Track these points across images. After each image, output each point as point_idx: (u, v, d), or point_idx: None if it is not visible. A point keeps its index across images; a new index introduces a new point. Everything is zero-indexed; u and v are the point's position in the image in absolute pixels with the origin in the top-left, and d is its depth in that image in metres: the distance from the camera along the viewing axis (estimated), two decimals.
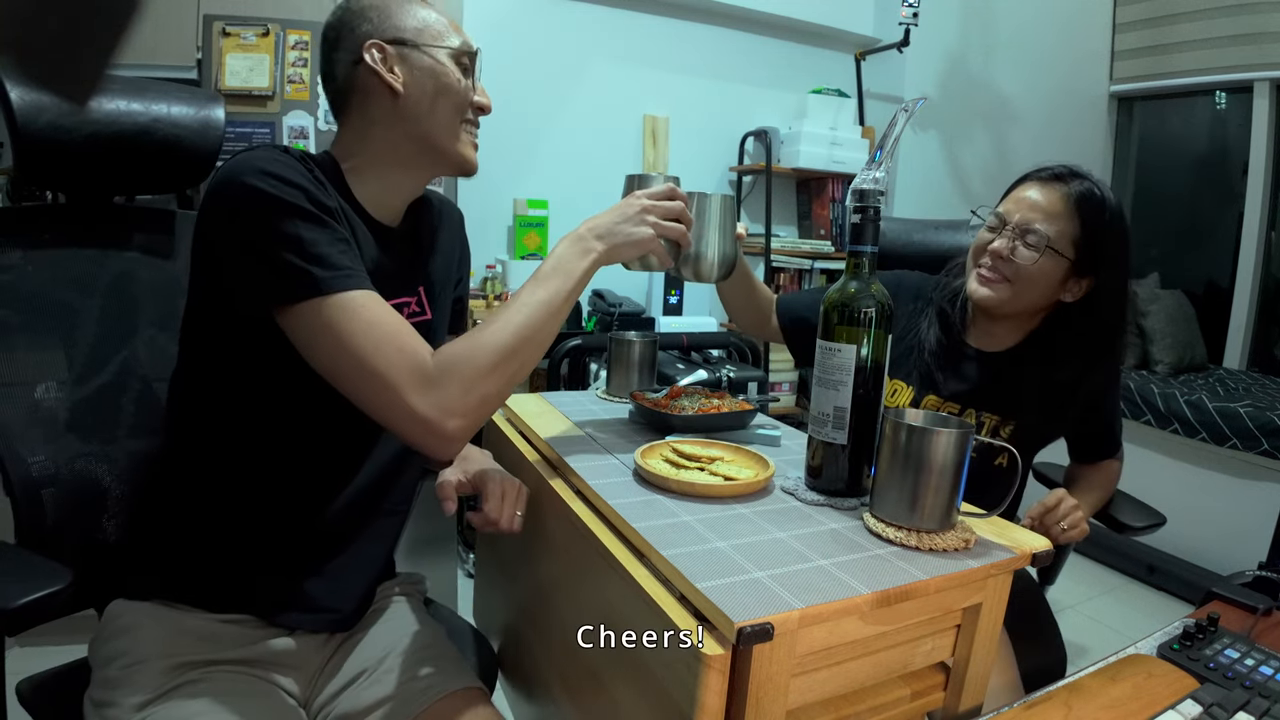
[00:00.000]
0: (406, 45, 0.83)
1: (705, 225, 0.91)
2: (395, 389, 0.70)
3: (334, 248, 0.72)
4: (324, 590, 0.84)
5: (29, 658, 0.94)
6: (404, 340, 0.71)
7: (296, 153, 0.78)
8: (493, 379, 0.73)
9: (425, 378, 0.71)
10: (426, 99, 0.83)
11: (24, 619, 0.69)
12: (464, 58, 0.85)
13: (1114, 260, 1.02)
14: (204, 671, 0.76)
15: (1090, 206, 1.00)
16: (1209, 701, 0.61)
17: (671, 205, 0.85)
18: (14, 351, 0.91)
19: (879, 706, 0.67)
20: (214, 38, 1.97)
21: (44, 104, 0.88)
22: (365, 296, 0.72)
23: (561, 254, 0.80)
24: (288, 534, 0.82)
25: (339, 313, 0.70)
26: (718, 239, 0.92)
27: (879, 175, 0.76)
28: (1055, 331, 1.06)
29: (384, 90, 0.82)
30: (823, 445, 0.77)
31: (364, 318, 0.70)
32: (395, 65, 0.82)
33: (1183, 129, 3.54)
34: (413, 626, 0.91)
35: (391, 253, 0.87)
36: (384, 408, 0.71)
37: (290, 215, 0.71)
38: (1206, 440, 2.41)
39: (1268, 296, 3.14)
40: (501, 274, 2.62)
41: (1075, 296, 1.04)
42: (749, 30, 3.03)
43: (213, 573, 0.81)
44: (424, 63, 0.83)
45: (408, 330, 0.73)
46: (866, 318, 0.75)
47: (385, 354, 0.70)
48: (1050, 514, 0.96)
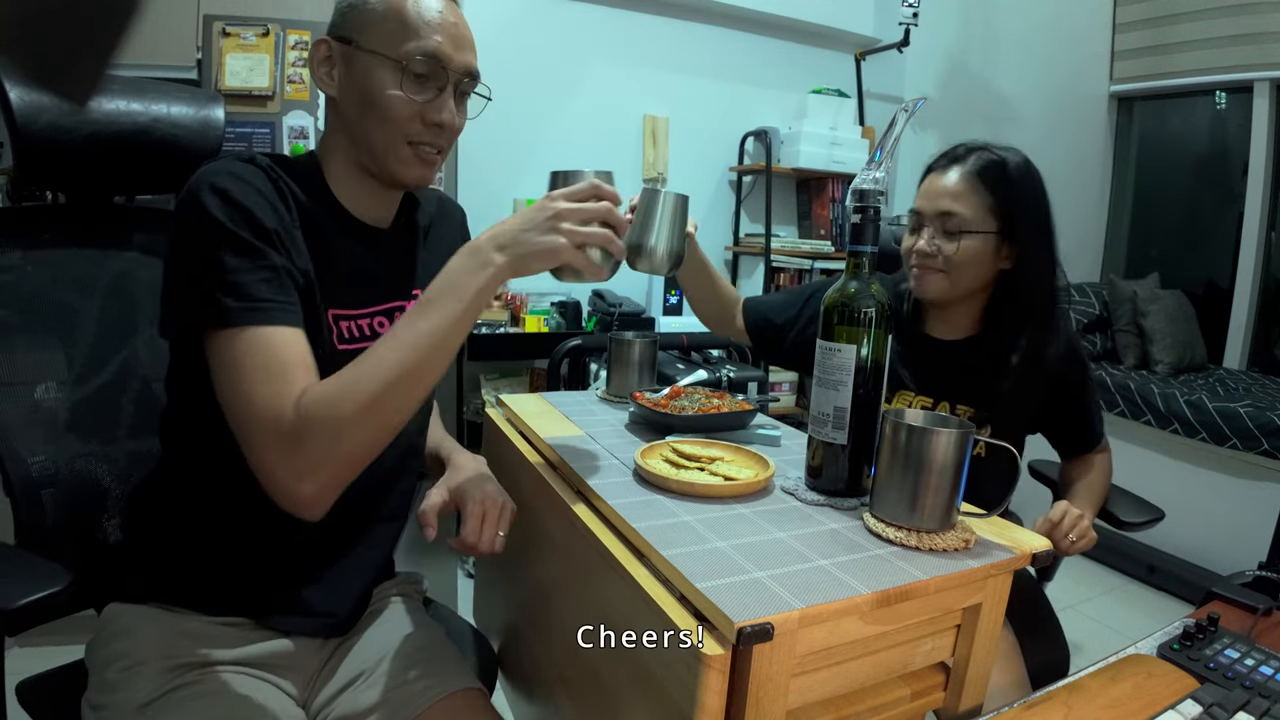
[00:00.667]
0: (351, 44, 0.76)
1: (654, 219, 0.90)
2: (254, 443, 0.66)
3: (254, 276, 0.68)
4: (320, 595, 0.84)
5: (29, 658, 0.94)
6: (278, 388, 0.66)
7: (264, 162, 0.75)
8: (361, 430, 0.66)
9: (281, 433, 0.65)
10: (355, 108, 0.77)
11: (24, 619, 0.69)
12: (417, 64, 0.75)
13: (1031, 215, 1.05)
14: (201, 673, 0.76)
15: (992, 173, 1.03)
16: (1209, 701, 0.61)
17: (593, 208, 0.71)
18: (14, 351, 0.91)
19: (879, 706, 0.67)
20: (214, 38, 1.97)
21: (44, 104, 0.88)
22: (271, 334, 0.67)
23: (452, 270, 0.69)
24: (283, 539, 0.81)
25: (233, 348, 0.67)
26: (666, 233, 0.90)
27: (879, 175, 0.76)
28: (1003, 303, 1.09)
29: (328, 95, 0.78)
30: (823, 445, 0.77)
31: (258, 358, 0.66)
32: (336, 67, 0.78)
33: (1183, 129, 3.54)
34: (411, 628, 0.91)
35: (380, 256, 0.85)
36: (250, 464, 0.67)
37: (220, 240, 0.68)
38: (1206, 440, 2.41)
39: (1268, 296, 3.14)
40: None
41: (1012, 262, 1.07)
42: (749, 30, 3.03)
43: (208, 576, 0.80)
44: (361, 67, 0.76)
45: (292, 374, 0.67)
46: (866, 318, 0.75)
47: (255, 403, 0.65)
48: (1056, 529, 0.96)
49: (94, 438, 0.95)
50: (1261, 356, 3.16)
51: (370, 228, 0.84)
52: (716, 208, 3.12)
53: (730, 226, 3.12)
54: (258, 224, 0.70)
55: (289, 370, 0.67)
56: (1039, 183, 1.07)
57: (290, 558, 0.82)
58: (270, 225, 0.71)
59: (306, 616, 0.83)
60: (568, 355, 2.10)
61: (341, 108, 0.79)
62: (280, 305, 0.69)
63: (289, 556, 0.82)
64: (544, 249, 0.69)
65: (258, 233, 0.70)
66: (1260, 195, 3.09)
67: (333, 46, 0.78)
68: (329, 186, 0.81)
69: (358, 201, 0.83)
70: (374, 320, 0.84)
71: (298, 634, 0.83)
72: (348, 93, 0.78)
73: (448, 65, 0.77)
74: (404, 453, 0.90)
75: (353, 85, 0.77)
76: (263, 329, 0.67)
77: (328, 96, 0.80)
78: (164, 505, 0.83)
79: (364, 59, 0.76)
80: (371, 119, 0.77)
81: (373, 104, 0.76)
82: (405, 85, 0.76)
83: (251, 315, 0.67)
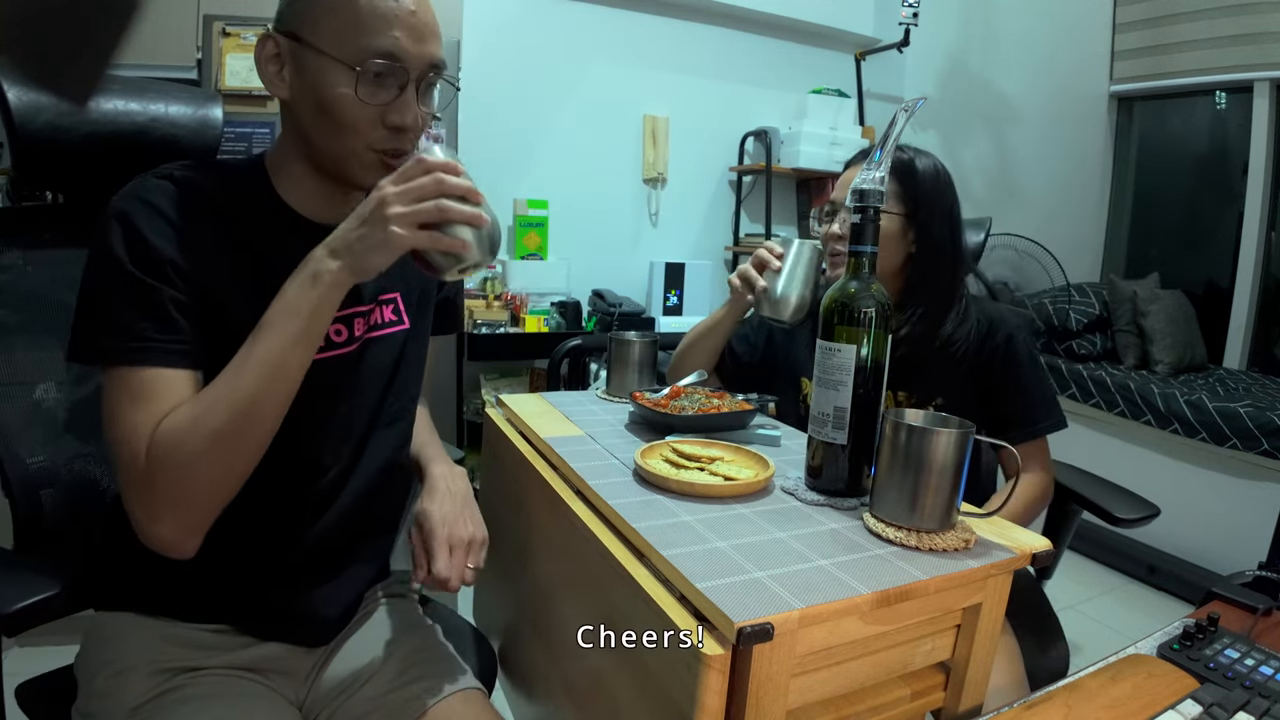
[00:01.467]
0: (300, 41, 0.69)
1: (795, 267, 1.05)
2: (120, 483, 0.65)
3: (137, 314, 0.66)
4: (307, 607, 0.82)
5: (30, 658, 0.94)
6: (138, 428, 0.64)
7: (183, 177, 0.72)
8: (210, 466, 0.64)
9: (136, 473, 0.64)
10: (309, 114, 0.71)
11: (21, 622, 0.69)
12: (371, 64, 0.68)
13: (934, 204, 1.11)
14: (191, 676, 0.75)
15: (900, 166, 1.11)
16: (1209, 701, 0.61)
17: (422, 183, 0.65)
18: (13, 352, 0.91)
19: (879, 706, 0.67)
20: (214, 38, 1.97)
21: (42, 104, 0.87)
22: (144, 375, 0.66)
23: (286, 288, 0.66)
24: (268, 551, 0.79)
25: (110, 386, 0.66)
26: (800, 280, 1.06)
27: (879, 175, 0.76)
28: (917, 287, 1.13)
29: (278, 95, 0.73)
30: (823, 445, 0.77)
31: (125, 397, 0.65)
32: (285, 66, 0.71)
33: (1183, 129, 3.54)
34: (406, 629, 0.90)
35: None
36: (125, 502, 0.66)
37: (110, 275, 0.66)
38: (1206, 440, 2.41)
39: (1268, 296, 3.14)
40: (501, 274, 2.62)
41: (916, 246, 1.12)
42: (749, 30, 3.03)
43: (192, 587, 0.78)
44: (310, 68, 0.70)
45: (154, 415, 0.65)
46: (866, 318, 0.75)
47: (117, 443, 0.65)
48: None
49: (93, 438, 0.95)
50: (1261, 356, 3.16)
51: (324, 228, 0.75)
52: (716, 208, 3.12)
53: (730, 226, 3.12)
54: (153, 257, 0.67)
55: (154, 412, 0.65)
56: (945, 179, 1.14)
57: (276, 570, 0.80)
58: (167, 256, 0.68)
59: (293, 626, 0.82)
60: (568, 355, 2.10)
61: (294, 110, 0.73)
62: (160, 345, 0.67)
63: (274, 569, 0.80)
64: (376, 242, 0.64)
65: (151, 267, 0.67)
66: (1260, 195, 3.09)
67: (280, 44, 0.71)
68: (275, 191, 0.77)
69: (311, 203, 0.78)
70: (331, 329, 0.78)
71: (284, 641, 0.82)
72: (300, 95, 0.72)
73: (407, 62, 0.70)
74: (390, 462, 0.88)
75: (304, 87, 0.71)
76: (136, 369, 0.66)
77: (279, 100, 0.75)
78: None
79: (314, 59, 0.69)
80: (327, 125, 0.71)
81: (327, 110, 0.70)
82: (361, 89, 0.69)
83: (126, 355, 0.66)
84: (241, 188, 0.76)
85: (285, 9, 0.72)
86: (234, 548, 0.76)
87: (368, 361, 0.83)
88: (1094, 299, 3.09)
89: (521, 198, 2.65)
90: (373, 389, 0.85)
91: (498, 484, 1.07)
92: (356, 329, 0.82)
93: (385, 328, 0.85)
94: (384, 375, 0.86)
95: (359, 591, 0.89)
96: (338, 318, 0.80)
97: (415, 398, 0.92)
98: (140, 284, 0.67)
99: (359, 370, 0.83)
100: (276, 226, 0.76)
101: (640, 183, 2.95)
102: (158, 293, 0.67)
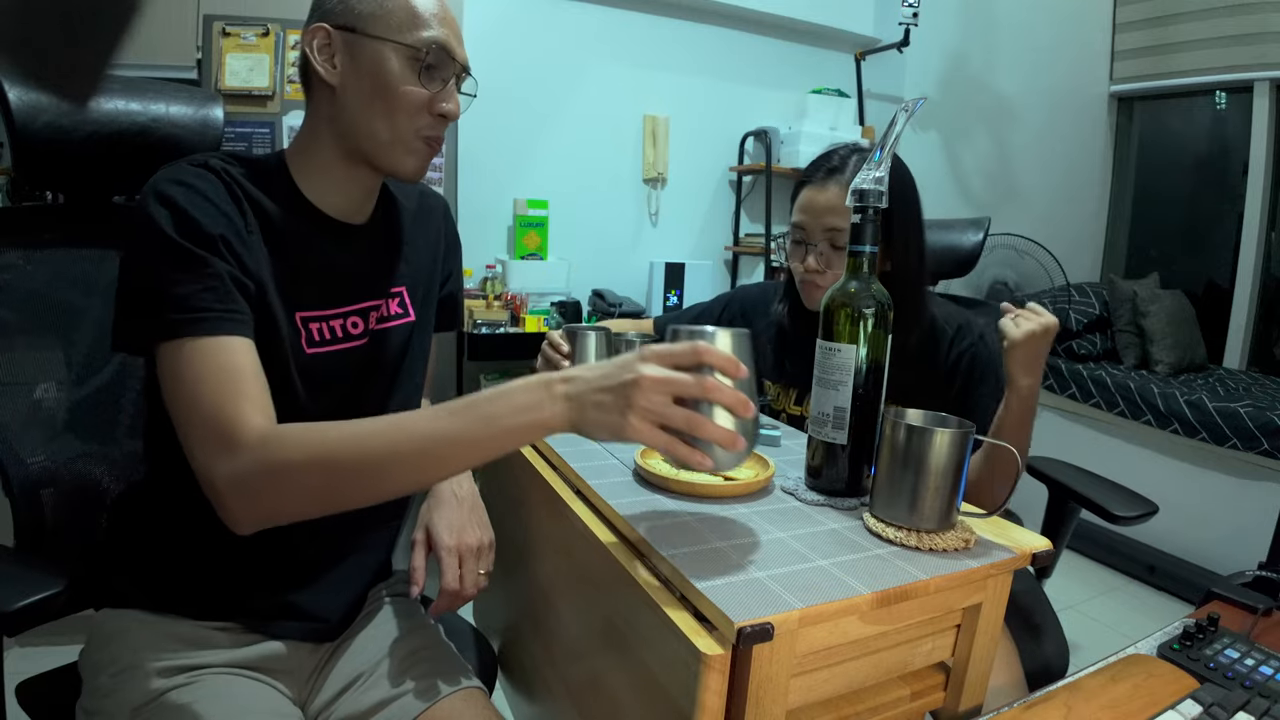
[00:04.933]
0: (355, 33, 0.74)
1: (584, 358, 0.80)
2: (198, 448, 0.65)
3: (197, 287, 0.67)
4: (311, 601, 0.83)
5: (29, 658, 0.94)
6: (225, 394, 0.64)
7: (218, 165, 0.74)
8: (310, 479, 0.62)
9: (228, 440, 0.63)
10: (363, 98, 0.76)
11: (22, 621, 0.69)
12: (424, 54, 0.75)
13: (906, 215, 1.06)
14: (193, 675, 0.75)
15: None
16: (1209, 701, 0.61)
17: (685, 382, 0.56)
18: (14, 351, 0.91)
19: (879, 706, 0.67)
20: (214, 38, 1.97)
21: (43, 104, 0.87)
22: (216, 343, 0.66)
23: (508, 389, 0.60)
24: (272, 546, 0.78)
25: (179, 359, 0.66)
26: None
27: (879, 175, 0.76)
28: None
29: (322, 83, 0.76)
30: (823, 445, 0.77)
31: (204, 367, 0.65)
32: (337, 55, 0.75)
33: (1183, 129, 3.54)
34: (409, 628, 0.90)
35: (356, 253, 0.83)
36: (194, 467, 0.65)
37: (163, 251, 0.67)
38: (1206, 440, 2.41)
39: (1268, 296, 3.14)
40: (501, 274, 2.62)
41: (890, 264, 1.07)
42: (749, 30, 3.03)
43: (196, 582, 0.79)
44: (367, 55, 0.75)
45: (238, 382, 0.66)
46: (866, 318, 0.75)
47: (201, 409, 0.64)
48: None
49: (93, 438, 0.95)
50: (1261, 356, 3.16)
51: (342, 224, 0.82)
52: (716, 208, 3.12)
53: (730, 226, 3.12)
54: (203, 232, 0.69)
55: (235, 377, 0.66)
56: (910, 181, 1.08)
57: (280, 565, 0.81)
58: (216, 232, 0.70)
59: (298, 621, 0.82)
60: None
61: (341, 97, 0.76)
62: (223, 314, 0.68)
63: (279, 563, 0.81)
64: (609, 422, 0.57)
65: (202, 241, 0.69)
66: (1260, 195, 3.09)
67: (332, 34, 0.75)
68: (296, 184, 0.80)
69: (330, 197, 0.81)
70: (347, 320, 0.82)
71: (289, 639, 0.82)
72: (353, 81, 0.76)
73: (454, 56, 0.78)
74: None
75: (359, 73, 0.75)
76: (207, 339, 0.66)
77: (319, 85, 0.78)
78: (150, 510, 0.83)
79: (374, 47, 0.74)
80: (379, 108, 0.76)
81: (384, 93, 0.75)
82: (419, 76, 0.76)
83: (196, 326, 0.66)
84: (268, 181, 0.78)
85: (336, 5, 0.76)
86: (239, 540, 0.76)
87: (378, 353, 0.86)
88: (1094, 299, 3.09)
89: (521, 198, 2.65)
90: (382, 380, 0.87)
91: (498, 484, 1.07)
92: (371, 322, 0.85)
93: (393, 320, 0.88)
94: (393, 366, 0.88)
95: (365, 584, 0.90)
96: (354, 311, 0.83)
97: (420, 388, 0.95)
98: (193, 256, 0.68)
99: (371, 362, 0.85)
100: (300, 221, 0.79)
101: (640, 183, 2.95)
102: (211, 265, 0.69)
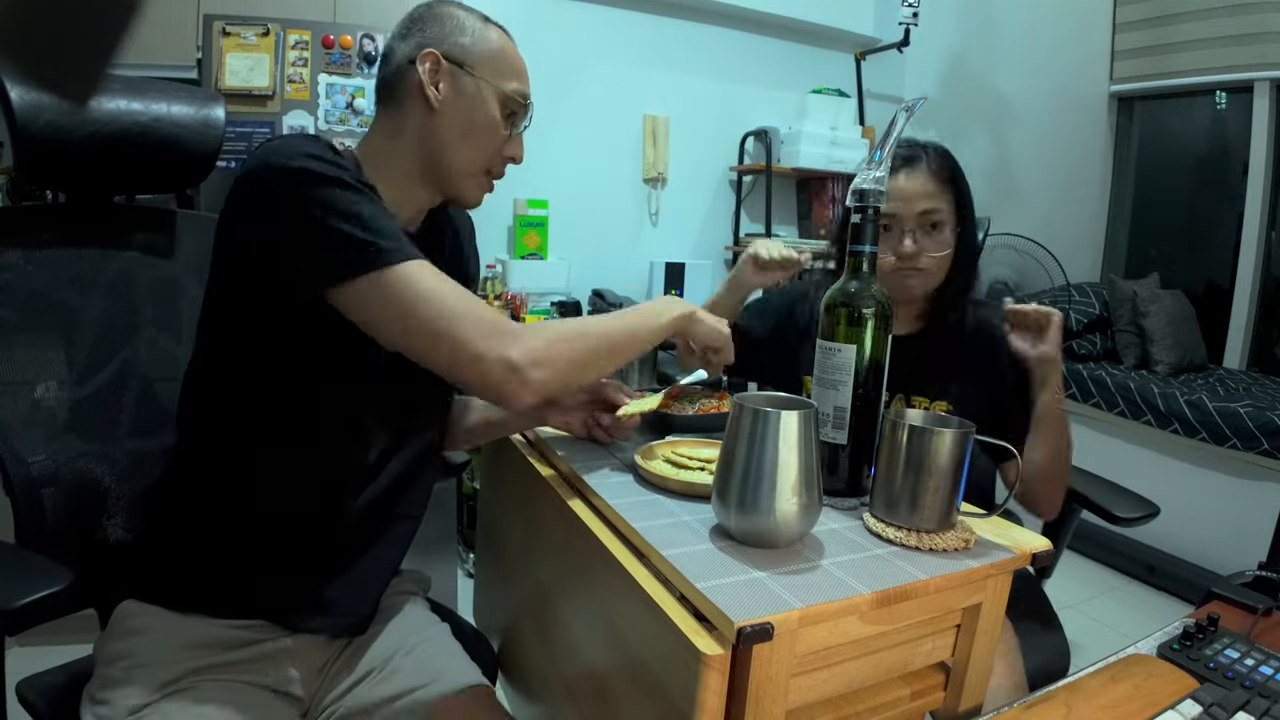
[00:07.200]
0: (462, 68, 0.82)
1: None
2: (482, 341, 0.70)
3: (391, 223, 0.72)
4: (341, 594, 0.84)
5: (29, 658, 0.94)
6: (473, 301, 0.73)
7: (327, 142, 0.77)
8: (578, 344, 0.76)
9: (510, 328, 0.72)
10: (457, 129, 0.82)
11: (24, 619, 0.69)
12: (514, 104, 0.84)
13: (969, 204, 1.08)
14: (195, 679, 0.76)
15: (950, 167, 1.06)
16: (1209, 701, 0.61)
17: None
18: (14, 351, 0.91)
19: (879, 706, 0.67)
20: (214, 37, 1.97)
21: (44, 104, 0.87)
22: (422, 266, 0.72)
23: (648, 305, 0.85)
24: (306, 537, 0.81)
25: (404, 283, 0.70)
26: None
27: (879, 175, 0.76)
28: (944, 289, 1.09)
29: (422, 101, 0.81)
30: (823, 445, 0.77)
31: (427, 285, 0.71)
32: (443, 81, 0.81)
33: (1183, 129, 3.54)
34: (419, 625, 0.91)
35: None
36: (466, 362, 0.71)
37: (345, 190, 0.71)
38: (1206, 440, 2.41)
39: (1268, 296, 3.14)
40: (502, 274, 2.62)
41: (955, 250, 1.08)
42: (749, 30, 3.03)
43: (228, 577, 0.80)
44: (470, 91, 0.82)
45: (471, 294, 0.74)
46: (866, 318, 0.75)
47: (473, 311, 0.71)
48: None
49: (94, 437, 0.95)
50: (1261, 356, 3.16)
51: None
52: (717, 207, 3.12)
53: (730, 226, 3.12)
54: (360, 178, 0.74)
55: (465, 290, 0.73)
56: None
57: (312, 556, 0.82)
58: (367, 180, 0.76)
59: (328, 616, 0.83)
60: None
61: (438, 121, 0.81)
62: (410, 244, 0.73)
63: (311, 554, 0.82)
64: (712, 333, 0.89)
65: (366, 184, 0.74)
66: (1260, 195, 3.08)
67: (441, 63, 0.81)
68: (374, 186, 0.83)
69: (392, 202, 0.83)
70: None
71: (319, 633, 0.83)
72: (452, 110, 0.82)
73: (527, 108, 0.86)
74: (419, 453, 0.90)
75: (460, 105, 0.82)
76: (413, 263, 0.71)
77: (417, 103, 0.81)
78: (183, 504, 0.83)
79: (479, 86, 0.82)
80: (469, 142, 0.83)
81: (476, 129, 0.82)
82: (507, 120, 0.84)
83: (408, 250, 0.71)
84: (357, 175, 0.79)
85: (446, 40, 0.82)
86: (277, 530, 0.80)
87: None
88: (1094, 299, 3.09)
89: (521, 198, 2.65)
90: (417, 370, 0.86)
91: (498, 484, 1.07)
92: None
93: None
94: None
95: (387, 577, 0.91)
96: None
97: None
98: (371, 196, 0.73)
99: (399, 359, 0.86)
100: None
101: (640, 182, 2.96)
102: (383, 205, 0.74)
